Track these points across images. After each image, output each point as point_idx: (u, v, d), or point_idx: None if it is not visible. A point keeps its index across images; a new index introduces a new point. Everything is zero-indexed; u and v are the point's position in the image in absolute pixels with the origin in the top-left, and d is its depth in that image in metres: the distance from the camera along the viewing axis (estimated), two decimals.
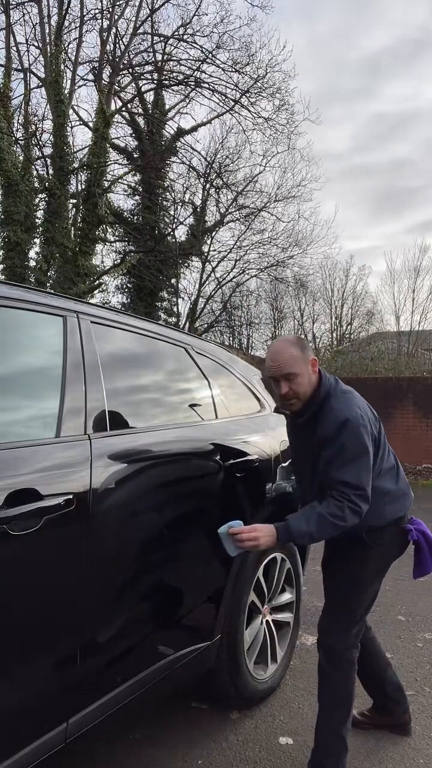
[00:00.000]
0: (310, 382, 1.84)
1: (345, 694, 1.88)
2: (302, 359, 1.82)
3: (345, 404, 1.79)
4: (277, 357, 1.83)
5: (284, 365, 1.82)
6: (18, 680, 1.35)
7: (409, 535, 1.89)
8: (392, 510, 1.88)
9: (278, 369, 1.83)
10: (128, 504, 1.68)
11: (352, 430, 1.74)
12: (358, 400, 1.85)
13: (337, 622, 1.92)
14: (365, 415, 1.79)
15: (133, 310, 14.64)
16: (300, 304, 23.22)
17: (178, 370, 2.32)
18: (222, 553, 1.95)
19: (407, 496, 1.95)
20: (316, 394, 1.84)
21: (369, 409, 1.87)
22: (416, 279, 20.79)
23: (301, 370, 1.81)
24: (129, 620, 1.69)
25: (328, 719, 1.87)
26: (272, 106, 14.81)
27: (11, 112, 11.49)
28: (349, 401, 1.81)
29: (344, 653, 1.89)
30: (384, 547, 1.90)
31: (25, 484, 1.37)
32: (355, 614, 1.91)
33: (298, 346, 1.84)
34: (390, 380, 10.69)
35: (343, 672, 1.88)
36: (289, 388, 1.82)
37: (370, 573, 1.91)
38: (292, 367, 1.81)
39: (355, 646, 1.92)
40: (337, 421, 1.76)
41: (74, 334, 1.74)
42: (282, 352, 1.83)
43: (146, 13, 13.41)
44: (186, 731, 2.16)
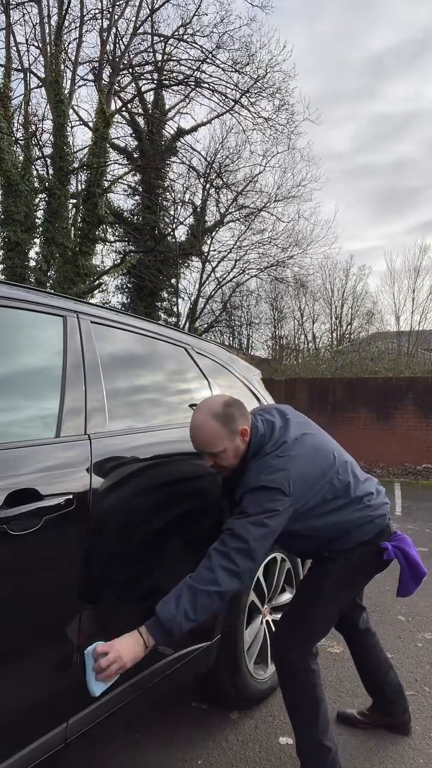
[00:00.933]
0: (236, 454, 1.71)
1: (309, 701, 1.77)
2: (226, 434, 1.66)
3: (264, 467, 1.65)
4: (195, 434, 1.69)
5: (204, 444, 1.69)
6: (18, 680, 1.35)
7: (385, 554, 1.79)
8: (358, 535, 1.79)
9: (197, 446, 1.72)
10: (128, 504, 1.68)
11: (260, 499, 1.60)
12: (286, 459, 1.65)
13: (290, 632, 1.85)
14: (284, 479, 1.61)
15: (133, 310, 14.65)
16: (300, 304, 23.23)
17: (178, 370, 2.32)
18: None
19: (378, 518, 1.81)
20: (243, 458, 1.73)
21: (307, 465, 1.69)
22: (416, 279, 20.87)
23: (225, 446, 1.67)
24: (129, 620, 1.69)
25: (300, 728, 1.80)
26: (272, 106, 14.86)
27: (11, 112, 11.50)
28: (270, 465, 1.64)
29: (299, 665, 1.79)
30: (348, 561, 1.81)
31: (25, 484, 1.37)
32: (313, 627, 1.83)
33: (221, 419, 1.67)
34: (390, 380, 10.69)
35: (302, 681, 1.78)
36: (213, 462, 1.72)
37: (333, 586, 1.83)
38: (212, 447, 1.68)
39: (310, 655, 1.81)
40: (246, 487, 1.65)
41: (74, 334, 1.74)
42: (200, 428, 1.68)
43: (146, 13, 13.44)
44: (186, 731, 2.16)
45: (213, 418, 1.68)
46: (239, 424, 1.70)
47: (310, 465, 1.71)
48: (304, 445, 1.72)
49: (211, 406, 1.71)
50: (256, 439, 1.72)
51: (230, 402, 1.74)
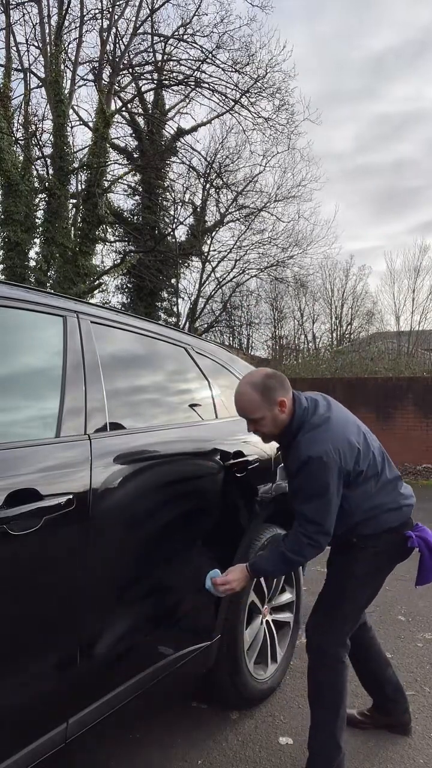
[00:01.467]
0: (275, 423, 1.84)
1: (334, 694, 1.85)
2: (264, 403, 1.81)
3: (311, 440, 1.77)
4: (238, 402, 1.87)
5: (243, 411, 1.87)
6: (18, 680, 1.35)
7: (409, 542, 1.87)
8: (387, 519, 1.86)
9: (238, 412, 1.90)
10: (128, 504, 1.68)
11: (312, 470, 1.74)
12: (332, 432, 1.79)
13: (326, 622, 1.91)
14: (333, 450, 1.75)
15: (133, 310, 14.64)
16: (300, 304, 23.24)
17: (178, 370, 2.32)
18: (221, 552, 1.96)
19: (405, 507, 1.91)
20: (287, 429, 1.85)
21: (348, 439, 1.81)
22: (416, 279, 20.86)
23: (263, 414, 1.82)
24: (129, 620, 1.69)
25: (319, 720, 1.86)
26: (272, 106, 14.83)
27: (11, 112, 11.50)
28: (317, 438, 1.77)
29: (332, 653, 1.87)
30: (376, 548, 1.87)
31: (25, 484, 1.37)
32: (345, 615, 1.90)
33: (259, 389, 1.81)
34: (390, 380, 10.68)
35: (332, 672, 1.86)
36: (254, 428, 1.89)
37: (362, 573, 1.89)
38: (251, 414, 1.84)
39: (344, 646, 1.90)
40: (299, 460, 1.77)
41: (74, 334, 1.74)
42: (241, 397, 1.86)
43: (146, 13, 13.44)
44: (186, 731, 2.16)
45: (252, 387, 1.83)
46: (278, 395, 1.82)
47: (352, 438, 1.84)
48: (347, 422, 1.89)
49: (252, 377, 1.87)
50: (300, 413, 1.84)
51: (271, 374, 1.87)
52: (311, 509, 1.76)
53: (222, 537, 2.13)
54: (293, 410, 1.85)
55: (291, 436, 1.84)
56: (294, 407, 1.85)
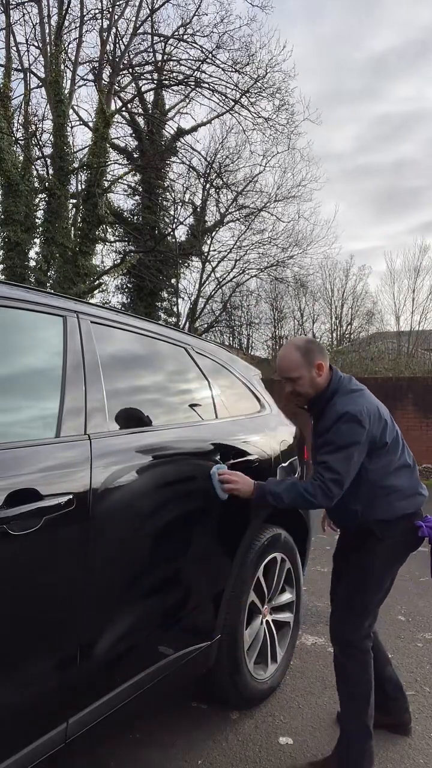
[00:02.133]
0: (312, 384, 1.96)
1: (363, 683, 1.93)
2: (304, 364, 1.95)
3: (348, 401, 1.89)
4: (280, 361, 2.01)
5: (284, 369, 1.99)
6: (18, 680, 1.35)
7: (419, 531, 1.93)
8: (403, 506, 1.93)
9: (279, 372, 2.02)
10: (128, 504, 1.68)
11: (347, 422, 1.84)
12: (366, 399, 1.92)
13: (349, 615, 1.97)
14: (367, 413, 1.86)
15: (133, 310, 14.64)
16: (300, 304, 23.23)
17: (178, 370, 2.32)
18: (222, 552, 1.95)
19: (420, 495, 1.99)
20: (323, 392, 1.97)
21: (378, 409, 1.95)
22: (416, 279, 20.81)
23: (302, 374, 1.95)
24: (129, 620, 1.69)
25: (350, 709, 1.93)
26: (272, 106, 14.82)
27: (11, 112, 11.49)
28: (353, 399, 1.90)
29: (358, 644, 1.94)
30: (393, 539, 1.94)
31: (25, 484, 1.37)
32: (366, 606, 1.96)
33: (301, 350, 1.96)
34: (390, 380, 10.68)
35: (359, 662, 1.93)
36: (291, 389, 1.99)
37: (380, 565, 1.96)
38: (291, 372, 1.96)
39: (368, 637, 1.97)
40: (335, 414, 1.87)
41: (74, 334, 1.74)
42: (284, 356, 1.99)
43: (146, 13, 13.43)
44: (186, 731, 2.16)
45: (295, 348, 1.98)
46: (316, 358, 1.96)
47: (381, 412, 1.96)
48: (374, 397, 2.00)
49: (296, 340, 2.04)
50: (336, 379, 1.98)
51: (312, 340, 2.05)
52: (333, 458, 1.84)
53: (222, 537, 2.13)
54: (330, 377, 1.98)
55: (325, 400, 1.96)
56: (331, 374, 1.99)
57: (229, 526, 2.16)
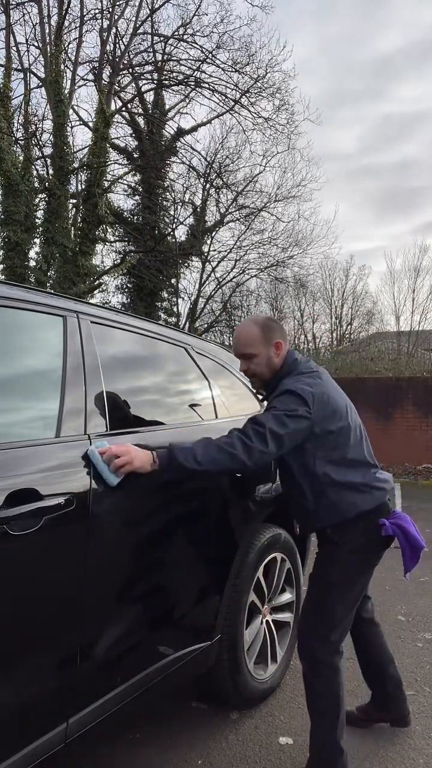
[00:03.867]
0: (269, 364, 1.89)
1: (332, 700, 1.80)
2: (261, 340, 1.87)
3: (294, 380, 1.81)
4: (237, 335, 1.94)
5: (240, 344, 1.91)
6: (18, 680, 1.35)
7: (383, 530, 1.80)
8: (357, 502, 1.80)
9: (235, 347, 1.95)
10: (128, 504, 1.68)
11: (283, 397, 1.75)
12: (316, 381, 1.81)
13: (313, 626, 1.85)
14: (311, 393, 1.75)
15: (133, 310, 14.64)
16: (300, 304, 23.24)
17: (179, 370, 2.32)
18: (221, 552, 1.95)
19: (377, 490, 1.84)
20: (278, 374, 1.89)
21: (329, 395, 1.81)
22: (416, 279, 20.83)
23: (258, 351, 1.87)
24: (129, 620, 1.69)
25: (318, 726, 1.83)
26: (272, 106, 14.79)
27: (11, 112, 11.49)
28: (300, 379, 1.81)
29: (324, 659, 1.82)
30: (352, 543, 1.82)
31: (25, 484, 1.37)
32: (331, 618, 1.82)
33: (260, 326, 1.89)
34: (390, 380, 10.68)
35: (325, 678, 1.81)
36: (246, 367, 1.92)
37: (342, 574, 1.83)
38: (247, 347, 1.89)
39: (337, 652, 1.84)
40: (277, 391, 1.81)
41: (74, 334, 1.74)
42: (242, 331, 1.92)
43: (146, 13, 13.43)
44: (186, 731, 2.16)
45: (254, 323, 1.92)
46: (275, 336, 1.89)
47: (333, 397, 1.84)
48: (331, 383, 1.90)
49: (256, 316, 1.96)
50: (291, 361, 1.90)
51: (273, 318, 1.97)
52: (263, 416, 1.72)
53: (222, 537, 2.13)
54: (285, 358, 1.90)
55: (278, 381, 1.88)
56: (286, 356, 1.90)
57: (229, 526, 2.16)
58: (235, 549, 2.16)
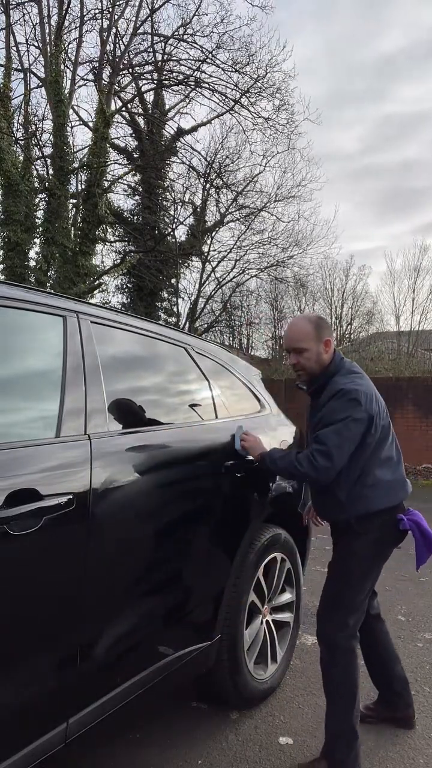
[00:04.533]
0: (318, 360, 1.97)
1: (348, 683, 1.90)
2: (314, 337, 1.95)
3: (346, 380, 1.91)
4: (290, 330, 2.02)
5: (293, 339, 1.99)
6: (18, 680, 1.35)
7: (401, 524, 1.92)
8: (383, 499, 1.92)
9: (287, 341, 2.03)
10: (128, 504, 1.68)
11: (340, 401, 1.86)
12: (365, 381, 1.94)
13: (332, 612, 1.95)
14: (364, 392, 1.87)
15: (133, 310, 14.64)
16: (300, 304, 23.22)
17: (179, 370, 2.32)
18: (222, 551, 1.94)
19: (402, 489, 1.98)
20: (326, 370, 1.97)
21: (374, 394, 1.94)
22: (416, 279, 20.80)
23: (310, 346, 1.95)
24: (129, 620, 1.69)
25: (335, 709, 1.91)
26: (272, 106, 14.79)
27: (11, 112, 11.48)
28: (351, 379, 1.91)
29: (343, 643, 1.91)
30: (373, 534, 1.93)
31: (25, 484, 1.37)
32: (350, 603, 1.93)
33: (313, 324, 1.97)
34: (390, 380, 10.68)
35: (344, 661, 1.91)
36: (296, 360, 2.00)
37: (361, 561, 1.94)
38: (299, 342, 1.96)
39: (354, 636, 1.94)
40: (332, 391, 1.90)
41: (74, 334, 1.74)
42: (295, 325, 2.01)
43: (146, 13, 13.41)
44: (186, 731, 2.16)
45: (307, 320, 1.99)
46: (326, 334, 1.98)
47: (378, 397, 1.97)
48: (373, 385, 2.00)
49: (307, 314, 2.08)
50: (338, 360, 2.00)
51: (323, 318, 2.05)
52: (324, 433, 1.85)
53: (222, 537, 2.13)
54: (333, 356, 1.99)
55: (325, 379, 1.96)
56: (334, 355, 2.00)
57: (229, 526, 2.16)
58: (235, 549, 2.16)
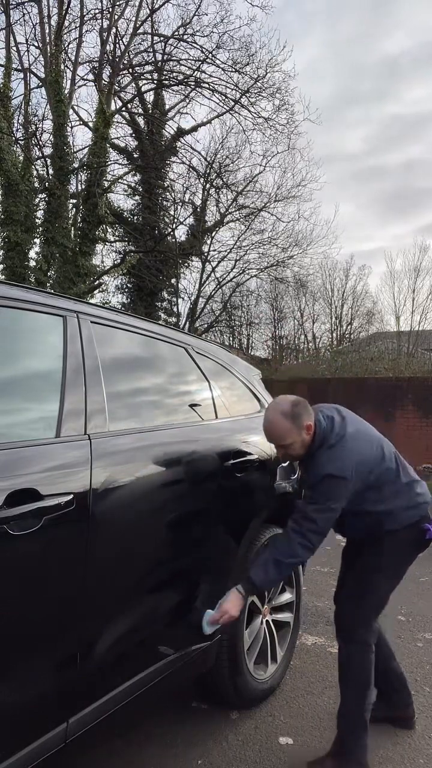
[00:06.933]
0: (303, 445, 1.97)
1: (364, 676, 1.96)
2: (294, 429, 1.92)
3: (329, 458, 1.91)
4: (269, 430, 1.97)
5: (275, 438, 1.97)
6: (18, 680, 1.35)
7: (427, 534, 2.00)
8: (407, 517, 2.00)
9: (270, 439, 2.00)
10: (128, 504, 1.68)
11: (328, 484, 1.89)
12: (348, 449, 1.92)
13: (354, 611, 2.02)
14: (349, 466, 1.90)
15: (133, 310, 14.65)
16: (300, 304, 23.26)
17: (178, 370, 2.32)
18: (222, 552, 1.94)
19: (423, 504, 2.04)
20: (310, 447, 1.98)
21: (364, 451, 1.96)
22: (416, 279, 20.84)
23: (293, 440, 1.94)
24: (129, 620, 1.69)
25: (348, 702, 1.96)
26: (272, 106, 14.79)
27: (11, 112, 11.49)
28: (334, 456, 1.91)
29: (361, 636, 1.99)
30: (397, 543, 2.00)
31: (25, 484, 1.36)
32: (373, 605, 2.02)
33: (290, 417, 1.92)
34: (390, 380, 10.68)
35: (362, 654, 1.98)
36: (283, 453, 2.01)
37: (387, 564, 2.02)
38: (283, 440, 1.95)
39: (373, 633, 2.01)
40: (318, 475, 1.91)
41: (74, 334, 1.74)
42: (273, 425, 1.95)
43: (146, 13, 13.41)
44: (186, 731, 2.16)
45: (282, 416, 1.93)
46: (304, 420, 1.94)
47: (367, 454, 1.98)
48: (359, 438, 1.99)
49: (280, 406, 1.95)
50: (320, 431, 1.97)
51: (296, 402, 1.97)
52: (313, 509, 1.89)
53: (222, 537, 2.13)
54: (314, 431, 1.97)
55: (312, 453, 1.97)
56: (315, 428, 1.97)
57: (230, 526, 2.16)
58: (235, 549, 2.16)
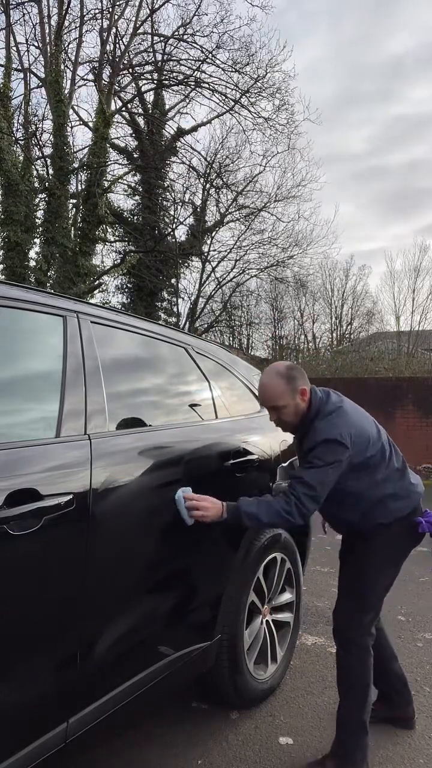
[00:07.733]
0: (296, 411, 1.96)
1: (361, 680, 1.93)
2: (288, 391, 1.93)
3: (327, 425, 1.89)
4: (263, 389, 1.98)
5: (268, 399, 1.96)
6: (18, 680, 1.35)
7: (419, 527, 1.96)
8: (398, 508, 1.95)
9: (263, 401, 2.01)
10: (128, 504, 1.68)
11: (325, 448, 1.86)
12: (344, 418, 1.91)
13: (349, 611, 1.99)
14: (347, 433, 1.87)
15: (133, 310, 14.65)
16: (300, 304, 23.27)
17: (178, 370, 2.32)
18: (222, 552, 1.95)
19: (414, 494, 2.00)
20: (305, 417, 1.96)
21: (359, 424, 1.94)
22: (416, 279, 20.86)
23: (286, 402, 1.93)
24: (129, 620, 1.69)
25: (347, 705, 1.94)
26: (272, 106, 14.82)
27: (11, 112, 11.49)
28: (332, 422, 1.89)
29: (358, 640, 1.95)
30: (392, 536, 1.96)
31: (25, 484, 1.36)
32: (366, 602, 1.98)
33: (285, 378, 1.93)
34: (390, 380, 10.68)
35: (358, 658, 1.94)
36: (276, 417, 1.99)
37: (379, 561, 1.98)
38: (276, 401, 1.94)
39: (369, 633, 1.98)
40: (314, 441, 1.88)
41: (74, 334, 1.74)
42: (267, 385, 1.96)
43: (146, 13, 13.44)
44: (186, 731, 2.16)
45: (278, 376, 1.94)
46: (299, 384, 1.94)
47: (363, 426, 1.96)
48: (358, 411, 2.01)
49: (276, 367, 1.97)
50: (316, 401, 1.96)
51: (292, 366, 1.99)
52: (311, 475, 1.85)
53: (222, 537, 2.12)
54: (310, 400, 1.96)
55: (308, 423, 1.94)
56: (311, 397, 1.96)
57: (229, 527, 2.16)
58: (235, 549, 2.16)
